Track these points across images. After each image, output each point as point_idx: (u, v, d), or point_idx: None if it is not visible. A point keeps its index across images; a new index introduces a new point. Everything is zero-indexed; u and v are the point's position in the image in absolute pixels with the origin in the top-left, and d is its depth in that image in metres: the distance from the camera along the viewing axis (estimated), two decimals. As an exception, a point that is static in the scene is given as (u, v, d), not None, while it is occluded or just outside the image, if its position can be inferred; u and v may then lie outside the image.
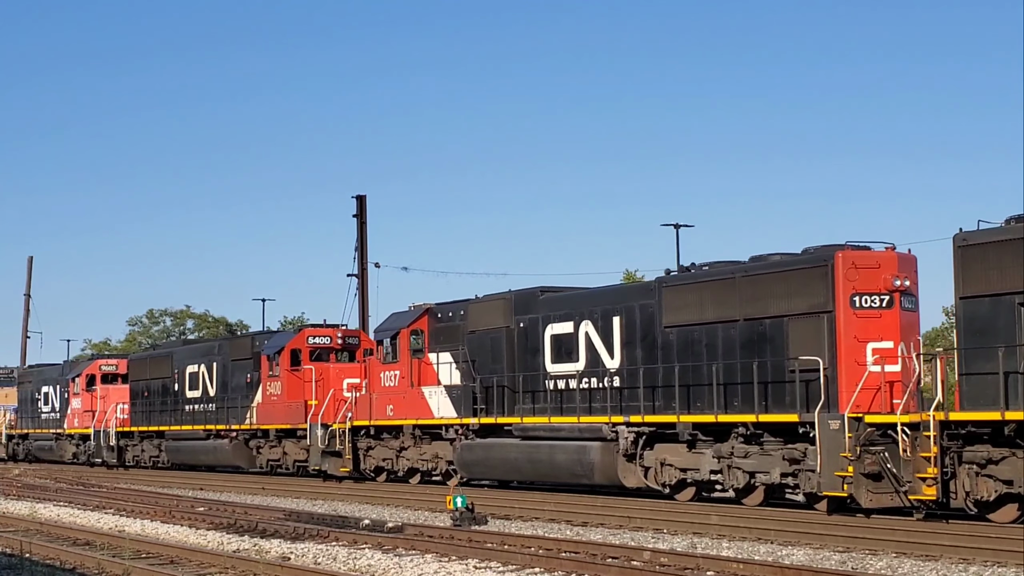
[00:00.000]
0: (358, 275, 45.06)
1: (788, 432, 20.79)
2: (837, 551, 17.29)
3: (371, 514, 23.86)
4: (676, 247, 54.62)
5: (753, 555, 16.84)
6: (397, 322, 30.70)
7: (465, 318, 28.79)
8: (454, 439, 28.37)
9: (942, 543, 16.90)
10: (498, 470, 27.16)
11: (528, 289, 27.56)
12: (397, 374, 30.34)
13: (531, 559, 16.26)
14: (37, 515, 25.12)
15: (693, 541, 18.81)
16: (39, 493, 32.76)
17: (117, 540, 19.37)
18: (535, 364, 26.56)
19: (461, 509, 21.92)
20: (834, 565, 15.93)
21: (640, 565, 15.63)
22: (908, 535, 17.66)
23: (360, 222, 45.55)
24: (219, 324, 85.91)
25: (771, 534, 18.96)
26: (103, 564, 16.79)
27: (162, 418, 41.83)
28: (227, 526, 21.67)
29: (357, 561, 16.71)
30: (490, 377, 27.35)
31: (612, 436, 23.90)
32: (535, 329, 26.65)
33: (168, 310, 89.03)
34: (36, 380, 52.77)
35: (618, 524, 21.53)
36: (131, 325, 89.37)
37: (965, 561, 16.02)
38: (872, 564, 16.02)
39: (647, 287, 24.18)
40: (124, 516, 24.61)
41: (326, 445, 32.72)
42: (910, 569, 15.57)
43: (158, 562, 17.15)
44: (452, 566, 15.96)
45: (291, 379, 34.66)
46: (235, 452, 37.31)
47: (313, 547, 18.09)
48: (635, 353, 24.09)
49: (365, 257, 45.22)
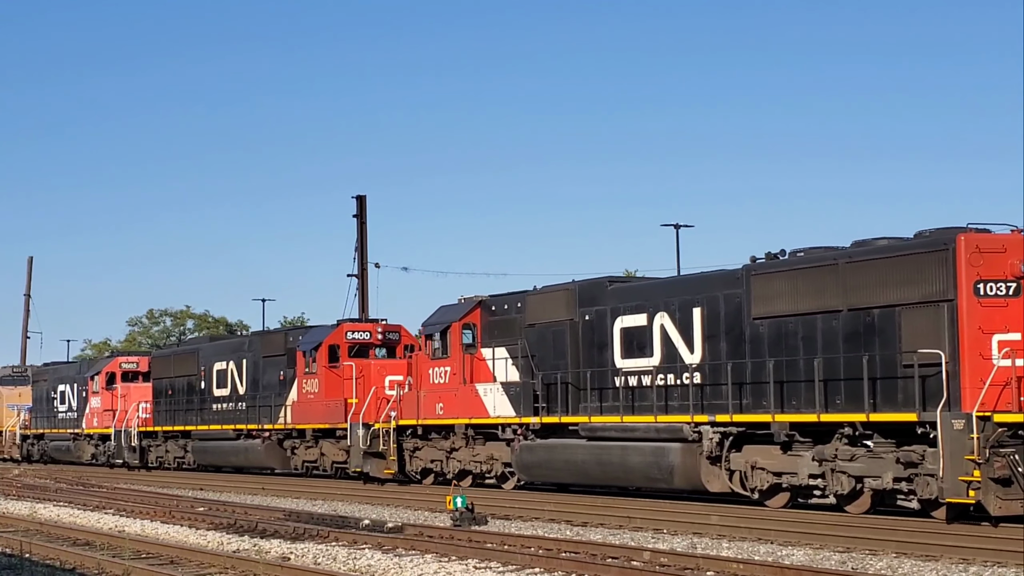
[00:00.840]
0: (358, 275, 44.79)
1: (901, 433, 18.96)
2: (837, 551, 17.12)
3: (371, 514, 23.70)
4: (676, 247, 55.68)
5: (753, 555, 16.72)
6: (447, 316, 28.86)
7: (523, 311, 26.97)
8: (512, 440, 26.55)
9: (942, 543, 16.68)
10: (562, 473, 25.31)
11: (594, 279, 25.74)
12: (448, 370, 28.51)
13: (531, 559, 16.20)
14: (37, 515, 24.96)
15: (693, 541, 18.62)
16: (39, 493, 32.40)
17: (117, 540, 19.32)
18: (602, 359, 24.72)
19: (461, 509, 21.72)
20: (834, 565, 15.82)
21: (640, 565, 15.57)
22: (908, 535, 17.41)
23: (360, 222, 45.28)
24: (219, 324, 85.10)
25: (771, 534, 18.70)
26: (103, 564, 16.69)
27: (188, 417, 39.98)
28: (227, 526, 21.59)
29: (357, 561, 16.65)
30: (552, 373, 25.52)
31: (694, 437, 22.06)
32: (602, 322, 24.81)
33: (168, 310, 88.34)
34: (52, 378, 50.83)
35: (618, 524, 21.27)
36: (131, 325, 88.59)
37: (965, 561, 15.82)
38: (872, 564, 15.86)
39: (732, 276, 22.29)
40: (124, 516, 24.48)
41: (368, 446, 30.91)
42: (910, 569, 15.39)
43: (158, 562, 17.12)
44: (452, 566, 15.91)
45: (329, 376, 32.82)
46: (268, 453, 35.45)
47: (313, 547, 18.04)
48: (719, 347, 22.26)
49: (365, 257, 45.03)
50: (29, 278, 73.84)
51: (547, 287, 26.73)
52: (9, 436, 54.09)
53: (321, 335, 33.59)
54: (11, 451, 53.98)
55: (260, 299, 66.92)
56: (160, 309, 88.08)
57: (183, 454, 40.62)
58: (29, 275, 73.88)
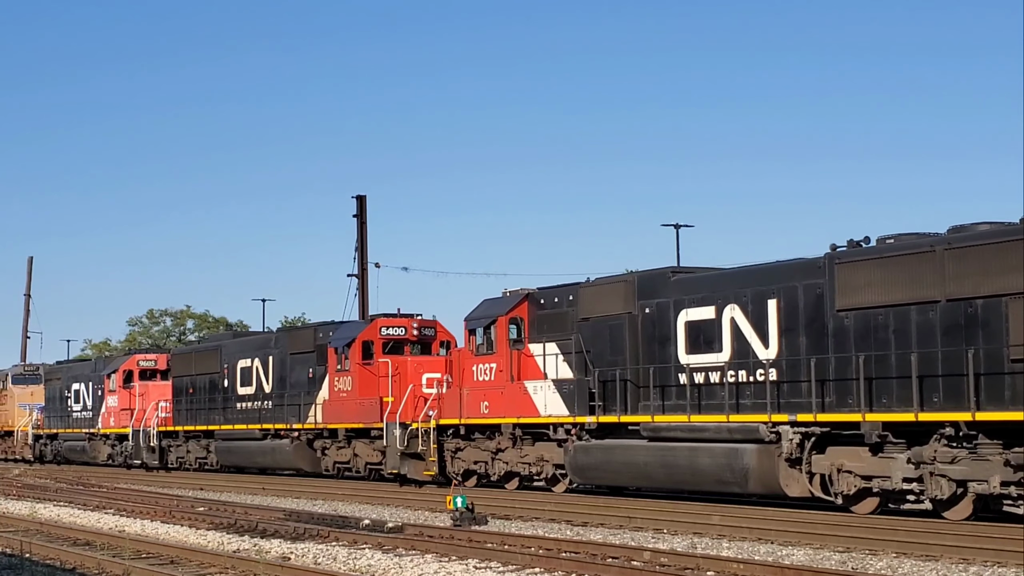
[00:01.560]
0: (358, 275, 44.79)
1: (1008, 433, 17.48)
2: (837, 551, 16.98)
3: (371, 514, 23.59)
4: (676, 247, 56.05)
5: (753, 555, 16.63)
6: (492, 309, 27.40)
7: (575, 304, 25.50)
8: (565, 440, 25.09)
9: (942, 543, 16.51)
10: (622, 475, 23.83)
11: (655, 270, 24.26)
12: (493, 367, 27.03)
13: (531, 559, 16.14)
14: (37, 515, 24.88)
15: (693, 541, 18.51)
16: (39, 493, 32.20)
17: (117, 540, 19.25)
18: (664, 355, 23.26)
19: (461, 509, 21.61)
20: (834, 565, 15.71)
21: (640, 565, 15.51)
22: (908, 535, 17.25)
23: (360, 222, 45.31)
24: (219, 324, 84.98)
25: (771, 534, 18.51)
26: (103, 564, 16.60)
27: (210, 416, 38.51)
28: (227, 526, 21.54)
29: (357, 561, 16.60)
30: (609, 370, 24.06)
31: (771, 438, 20.59)
32: (664, 315, 23.35)
33: (168, 310, 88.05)
34: (66, 377, 49.34)
35: (618, 524, 21.06)
36: (131, 325, 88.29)
37: (965, 561, 15.69)
38: (872, 564, 15.77)
39: (813, 265, 20.80)
40: (124, 516, 24.40)
41: (405, 446, 29.48)
42: (910, 569, 15.31)
43: (158, 562, 17.05)
44: (452, 566, 15.86)
45: (363, 373, 31.35)
46: (297, 453, 34.00)
47: (313, 547, 18.00)
48: (797, 341, 20.79)
49: (365, 257, 45.05)
50: (29, 278, 73.90)
51: (602, 279, 25.29)
52: (21, 436, 52.64)
53: (354, 331, 32.11)
54: (23, 451, 52.51)
55: (260, 299, 67.14)
56: (160, 309, 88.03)
57: (205, 454, 39.17)
58: (29, 275, 73.94)
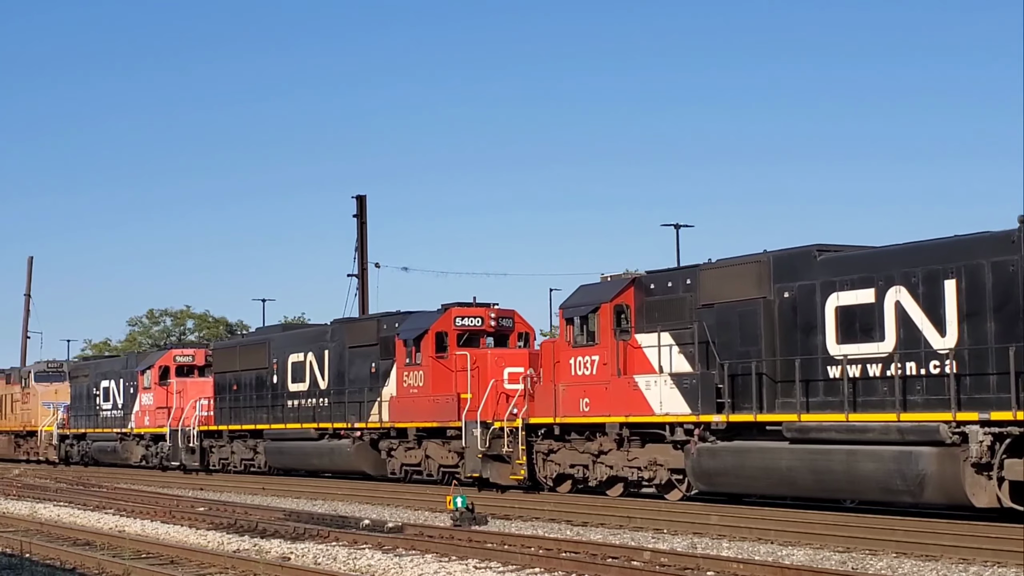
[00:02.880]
0: (358, 275, 44.72)
1: None
2: (837, 551, 16.98)
3: (371, 514, 23.62)
4: (676, 247, 55.67)
5: (753, 555, 16.60)
6: (594, 296, 24.58)
7: (693, 288, 22.70)
8: (686, 441, 22.26)
9: (942, 543, 16.45)
10: (758, 482, 20.97)
11: (795, 248, 21.37)
12: (595, 360, 24.21)
13: (531, 559, 16.11)
14: (37, 515, 24.91)
15: (693, 541, 18.51)
16: (39, 493, 32.19)
17: (117, 540, 19.27)
18: (809, 345, 20.44)
19: (461, 509, 21.54)
20: (834, 565, 15.69)
21: (640, 565, 15.47)
22: (908, 535, 17.19)
23: (360, 222, 45.24)
24: (219, 324, 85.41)
25: (771, 534, 18.54)
26: (103, 564, 16.57)
27: (257, 415, 35.67)
28: (227, 526, 21.54)
29: (357, 561, 16.58)
30: (741, 363, 21.24)
31: (954, 439, 17.74)
32: (809, 299, 20.53)
33: (168, 310, 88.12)
34: (94, 374, 46.45)
35: (618, 524, 21.14)
36: (131, 325, 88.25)
37: (965, 561, 15.67)
38: (872, 564, 15.75)
39: (1004, 239, 17.89)
40: (124, 516, 24.42)
41: (487, 448, 26.66)
42: (910, 569, 15.30)
43: (158, 562, 17.01)
44: (452, 566, 15.82)
45: (437, 368, 28.54)
46: (358, 455, 31.16)
47: (313, 547, 17.98)
48: (984, 328, 17.95)
49: (365, 257, 44.98)
50: (29, 278, 73.63)
51: (727, 260, 22.42)
52: (45, 436, 49.78)
53: (426, 322, 29.25)
54: (47, 452, 49.68)
55: (260, 299, 67.36)
56: (160, 309, 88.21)
57: (252, 456, 36.35)
58: (29, 275, 73.66)
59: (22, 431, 52.33)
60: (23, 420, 51.98)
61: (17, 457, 52.48)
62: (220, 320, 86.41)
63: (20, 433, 52.55)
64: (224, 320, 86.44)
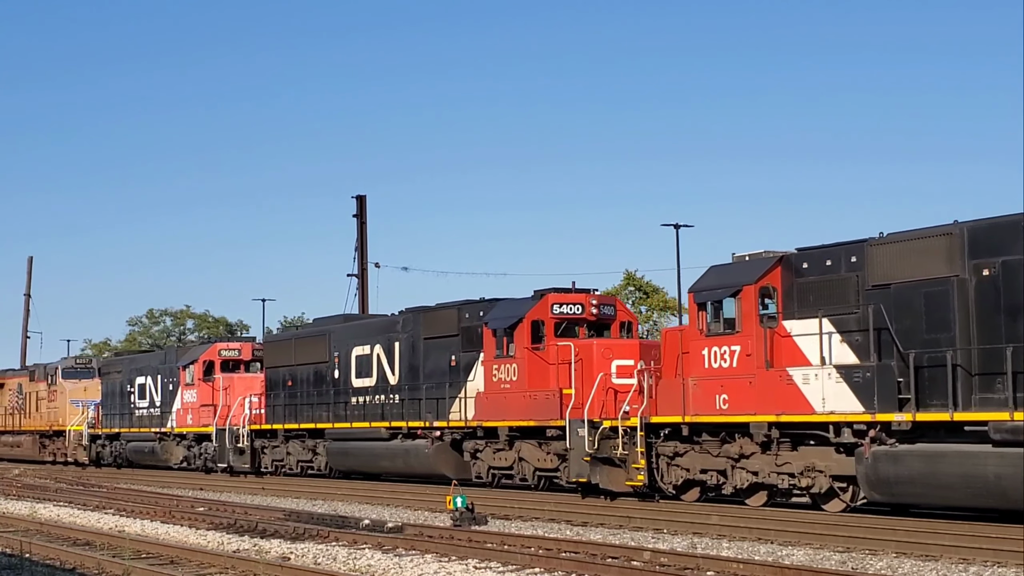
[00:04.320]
0: (358, 275, 44.86)
1: None
2: (837, 551, 16.94)
3: (371, 514, 23.54)
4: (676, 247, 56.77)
5: (753, 555, 16.59)
6: (732, 277, 21.49)
7: (860, 267, 19.61)
8: (855, 444, 19.09)
9: (942, 543, 16.37)
10: (955, 492, 17.77)
11: (994, 218, 18.22)
12: (736, 350, 21.11)
13: (531, 559, 16.06)
14: (37, 515, 24.89)
15: (693, 541, 18.47)
16: (39, 493, 32.05)
17: (117, 540, 19.26)
18: (1016, 331, 17.28)
19: (461, 509, 21.42)
20: (834, 565, 15.63)
21: (640, 565, 15.41)
22: (908, 535, 17.12)
23: (360, 222, 45.33)
24: (219, 324, 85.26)
25: (771, 534, 18.47)
26: (103, 564, 16.54)
27: (317, 413, 32.63)
28: (227, 526, 21.48)
29: (357, 561, 16.55)
30: (929, 352, 18.09)
31: None
32: (1015, 277, 17.39)
33: (168, 310, 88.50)
34: (127, 370, 43.31)
35: (618, 524, 21.06)
36: (131, 325, 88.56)
37: (965, 561, 15.60)
38: (872, 564, 15.70)
39: None
40: (124, 516, 24.35)
41: (595, 449, 23.52)
42: (910, 569, 15.23)
43: (158, 562, 16.96)
44: (452, 566, 15.77)
45: (534, 360, 25.49)
46: (438, 457, 28.10)
47: (313, 547, 17.96)
48: None
49: (365, 257, 45.07)
50: (29, 278, 73.60)
51: (905, 232, 19.27)
52: (74, 436, 46.65)
53: (520, 309, 26.13)
54: (75, 453, 46.56)
55: (260, 299, 67.42)
56: (160, 309, 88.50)
57: (310, 457, 33.24)
58: (29, 275, 73.62)
59: (48, 431, 49.16)
60: (50, 419, 48.82)
61: (43, 458, 49.35)
62: (220, 320, 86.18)
63: (46, 433, 49.38)
64: (224, 320, 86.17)
